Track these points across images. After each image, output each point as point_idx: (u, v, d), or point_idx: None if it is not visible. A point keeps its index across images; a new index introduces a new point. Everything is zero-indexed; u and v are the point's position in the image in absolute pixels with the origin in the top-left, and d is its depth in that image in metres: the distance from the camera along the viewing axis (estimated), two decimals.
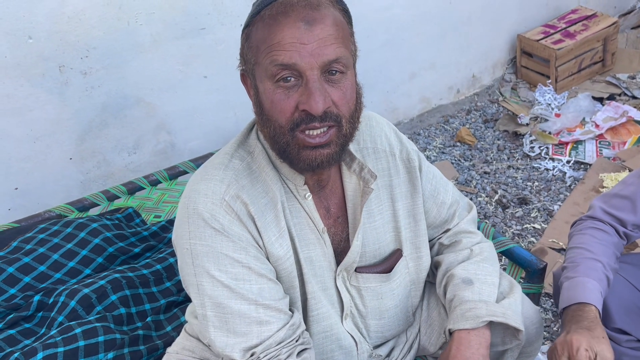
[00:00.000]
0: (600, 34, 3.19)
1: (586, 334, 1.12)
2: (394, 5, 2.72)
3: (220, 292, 0.99)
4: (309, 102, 0.93)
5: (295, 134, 0.96)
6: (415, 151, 1.21)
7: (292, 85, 0.94)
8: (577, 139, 2.83)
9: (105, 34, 2.04)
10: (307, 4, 0.94)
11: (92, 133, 2.16)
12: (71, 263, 1.57)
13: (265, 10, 0.96)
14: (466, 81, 3.27)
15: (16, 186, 2.09)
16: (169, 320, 1.51)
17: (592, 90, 3.18)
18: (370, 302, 1.16)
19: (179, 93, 2.29)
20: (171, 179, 2.02)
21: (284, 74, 0.93)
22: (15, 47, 1.90)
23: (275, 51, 0.93)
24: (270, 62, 0.94)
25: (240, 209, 1.00)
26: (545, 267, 1.49)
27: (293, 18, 0.93)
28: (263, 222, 1.02)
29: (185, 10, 2.16)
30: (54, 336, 1.34)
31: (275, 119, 0.97)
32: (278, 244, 1.04)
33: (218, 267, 0.99)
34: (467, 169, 2.78)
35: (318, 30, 0.93)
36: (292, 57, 0.92)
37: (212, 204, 0.99)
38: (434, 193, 1.22)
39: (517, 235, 2.40)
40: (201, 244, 0.99)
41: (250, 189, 1.03)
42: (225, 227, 0.99)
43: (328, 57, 0.93)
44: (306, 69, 0.93)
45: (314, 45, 0.92)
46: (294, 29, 0.92)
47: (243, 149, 1.08)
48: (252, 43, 0.98)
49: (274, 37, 0.93)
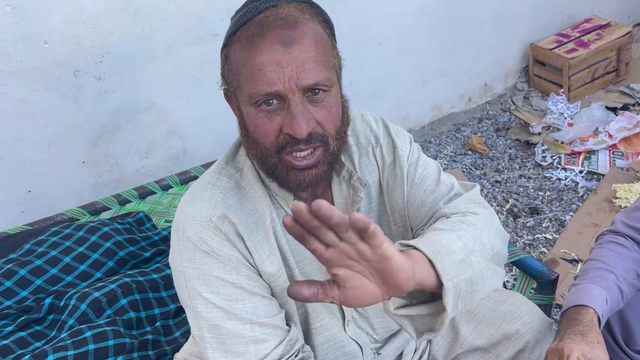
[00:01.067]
0: (614, 43, 3.17)
1: (579, 339, 1.07)
2: (406, 13, 2.73)
3: (215, 313, 0.98)
4: (292, 126, 0.91)
5: (282, 156, 0.95)
6: (407, 142, 1.14)
7: (274, 108, 0.92)
8: (590, 149, 2.81)
9: (120, 40, 2.06)
10: (283, 23, 0.90)
11: (105, 137, 2.18)
12: (82, 266, 1.58)
13: (242, 31, 0.93)
14: (478, 89, 3.26)
15: (29, 189, 2.12)
16: (177, 326, 1.51)
17: (605, 100, 3.15)
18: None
19: (191, 98, 2.30)
20: (182, 184, 2.03)
21: (266, 98, 0.91)
22: (31, 52, 1.92)
23: (255, 78, 0.90)
24: (251, 89, 0.91)
25: (229, 229, 0.99)
26: (557, 278, 1.47)
27: (270, 40, 0.89)
28: (253, 241, 1.01)
29: (199, 17, 2.18)
30: (64, 339, 1.35)
31: (260, 142, 0.95)
32: (269, 262, 1.02)
33: (210, 290, 0.98)
34: (478, 178, 2.77)
35: (296, 52, 0.89)
36: (272, 83, 0.89)
37: (200, 226, 0.99)
38: (420, 180, 1.11)
39: (528, 245, 2.38)
40: (192, 267, 0.99)
41: (238, 207, 1.01)
42: (215, 249, 0.98)
43: (308, 81, 0.90)
44: (287, 93, 0.90)
45: (293, 67, 0.89)
46: (271, 52, 0.89)
47: (231, 165, 1.06)
48: (231, 65, 0.95)
49: (253, 62, 0.90)
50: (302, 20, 0.92)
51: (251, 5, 0.95)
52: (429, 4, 2.79)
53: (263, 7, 0.93)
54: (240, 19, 0.94)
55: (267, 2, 0.94)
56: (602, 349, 1.07)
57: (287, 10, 0.92)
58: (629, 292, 1.24)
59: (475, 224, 1.02)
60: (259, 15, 0.92)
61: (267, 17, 0.91)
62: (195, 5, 2.15)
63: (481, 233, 1.00)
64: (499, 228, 1.07)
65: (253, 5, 0.94)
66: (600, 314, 1.15)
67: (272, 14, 0.91)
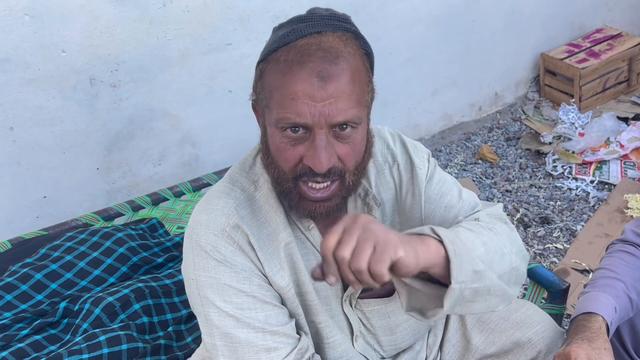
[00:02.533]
0: (626, 53, 3.16)
1: (586, 345, 1.07)
2: (417, 23, 2.75)
3: (227, 322, 0.99)
4: (314, 160, 0.91)
5: (298, 183, 0.95)
6: (425, 158, 1.13)
7: (299, 137, 0.92)
8: (601, 158, 2.80)
9: (135, 49, 2.10)
10: (325, 56, 0.89)
11: (119, 144, 2.22)
12: (96, 271, 1.61)
13: (282, 52, 0.91)
14: (488, 99, 3.26)
15: (45, 194, 2.15)
16: (189, 331, 1.53)
17: (616, 110, 3.15)
18: (377, 321, 1.15)
19: (204, 107, 2.33)
20: (194, 191, 2.05)
21: (293, 126, 0.91)
22: (48, 60, 1.96)
23: (286, 106, 0.89)
24: (280, 114, 0.91)
25: (241, 239, 1.00)
26: (568, 287, 1.47)
27: (308, 71, 0.88)
28: (264, 253, 1.02)
29: (213, 26, 2.22)
30: (78, 343, 1.37)
31: (279, 165, 0.96)
32: (279, 276, 1.03)
33: (223, 298, 0.99)
34: (488, 187, 2.77)
35: (332, 89, 0.88)
36: (303, 115, 0.89)
37: (214, 235, 0.99)
38: (438, 197, 1.12)
39: (539, 255, 2.37)
40: (205, 275, 1.00)
41: (250, 219, 1.02)
42: (228, 258, 0.99)
43: (338, 119, 0.89)
44: (315, 126, 0.90)
45: (326, 104, 0.88)
46: (307, 84, 0.88)
47: (246, 177, 1.06)
48: (265, 84, 0.94)
49: (287, 89, 0.89)
50: (344, 54, 0.91)
51: (296, 26, 0.93)
52: (440, 14, 2.81)
53: (307, 32, 0.91)
54: (282, 38, 0.92)
55: (313, 27, 0.92)
56: (609, 356, 1.07)
57: (330, 40, 0.91)
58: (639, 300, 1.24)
59: (501, 233, 1.03)
60: (301, 39, 0.91)
61: (310, 44, 0.90)
62: (209, 15, 2.19)
63: (504, 245, 1.01)
64: (520, 245, 1.07)
65: (298, 27, 0.93)
66: (609, 321, 1.14)
67: (315, 43, 0.90)
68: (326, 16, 0.94)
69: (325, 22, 0.93)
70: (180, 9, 2.12)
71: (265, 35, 2.44)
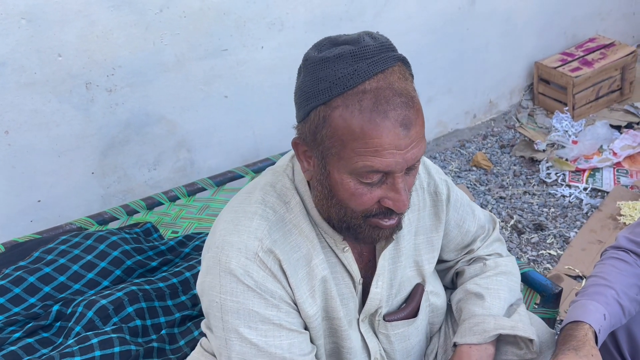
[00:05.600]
0: (619, 62, 3.20)
1: (572, 354, 1.07)
2: (412, 31, 2.77)
3: (248, 349, 0.97)
4: (397, 204, 0.91)
5: (369, 219, 0.95)
6: (444, 180, 1.18)
7: (376, 182, 0.90)
8: (594, 166, 2.82)
9: (131, 54, 2.11)
10: (403, 102, 0.86)
11: (114, 149, 2.22)
12: (90, 274, 1.60)
13: (352, 97, 0.86)
14: (483, 106, 3.28)
15: (39, 199, 2.15)
16: (182, 334, 1.52)
17: (609, 118, 3.17)
18: (398, 345, 1.15)
19: (200, 112, 2.34)
20: (189, 196, 2.05)
21: (373, 175, 0.89)
22: (45, 64, 1.97)
23: (371, 157, 0.86)
24: (362, 166, 0.87)
25: (274, 265, 0.97)
26: (560, 291, 1.48)
27: (392, 122, 0.85)
28: (295, 279, 0.99)
29: (209, 32, 2.23)
30: (70, 345, 1.37)
31: (350, 207, 0.94)
32: (308, 303, 1.01)
33: (248, 325, 0.96)
34: (482, 194, 2.78)
35: (414, 134, 0.87)
36: (388, 165, 0.87)
37: (246, 259, 0.96)
38: (459, 222, 1.22)
39: (532, 261, 2.38)
40: (232, 300, 0.96)
41: (282, 243, 0.99)
42: (259, 283, 0.96)
43: (415, 159, 0.90)
44: (396, 172, 0.89)
45: (409, 149, 0.88)
46: (392, 135, 0.85)
47: (277, 197, 1.02)
48: (332, 131, 0.88)
49: (370, 141, 0.85)
50: (413, 93, 0.90)
51: (357, 65, 0.87)
52: (436, 21, 2.83)
53: (372, 73, 0.87)
54: (343, 81, 0.86)
55: (375, 65, 0.87)
56: None
57: (397, 79, 0.88)
58: (632, 307, 1.24)
59: (510, 271, 1.23)
60: (368, 82, 0.86)
61: (383, 89, 0.86)
62: (206, 21, 2.20)
63: (514, 283, 1.23)
64: (519, 273, 1.28)
65: (359, 66, 0.87)
66: (597, 329, 1.14)
67: (387, 86, 0.87)
68: (378, 47, 0.90)
69: (383, 57, 0.89)
70: (177, 15, 2.14)
71: (261, 42, 2.47)
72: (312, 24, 2.43)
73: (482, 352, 1.10)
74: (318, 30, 2.42)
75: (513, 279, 1.23)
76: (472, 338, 1.10)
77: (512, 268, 1.25)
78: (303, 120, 0.93)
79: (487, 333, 1.10)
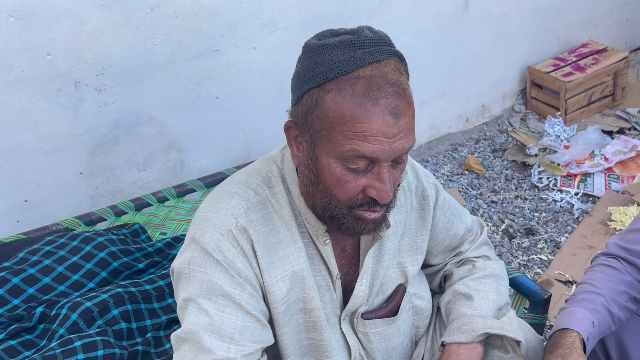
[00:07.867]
0: (611, 68, 3.21)
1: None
2: (405, 34, 2.77)
3: (202, 320, 0.96)
4: (380, 194, 0.91)
5: (354, 210, 0.95)
6: (433, 184, 1.19)
7: (362, 169, 0.91)
8: (585, 171, 2.82)
9: (121, 53, 2.09)
10: (395, 92, 0.87)
11: (103, 149, 2.20)
12: (75, 276, 1.58)
13: (345, 82, 0.87)
14: (476, 110, 3.28)
15: (26, 198, 2.12)
16: (168, 338, 1.50)
17: (601, 123, 3.18)
18: (377, 344, 1.15)
19: (191, 113, 2.32)
20: (179, 197, 2.03)
21: (359, 161, 0.90)
22: (33, 63, 1.95)
23: (358, 141, 0.87)
24: (348, 150, 0.88)
25: (246, 244, 0.98)
26: (549, 297, 1.47)
27: (382, 109, 0.86)
28: (266, 261, 1.00)
29: (200, 32, 2.21)
30: (53, 348, 1.35)
31: (334, 195, 0.94)
32: (278, 287, 1.01)
33: (208, 296, 0.96)
34: (474, 198, 2.78)
35: (402, 124, 0.88)
36: (375, 151, 0.88)
37: (220, 234, 0.98)
38: (447, 225, 1.23)
39: (523, 266, 2.38)
40: (199, 271, 0.97)
41: (259, 224, 1.00)
42: (229, 259, 0.97)
43: (403, 150, 0.91)
44: (382, 161, 0.90)
45: (396, 139, 0.88)
46: (381, 122, 0.86)
47: (262, 181, 1.04)
48: (323, 113, 0.89)
49: (359, 125, 0.86)
50: (405, 85, 0.91)
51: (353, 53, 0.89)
52: (429, 25, 2.83)
53: (367, 61, 0.88)
54: (339, 66, 0.88)
55: (371, 55, 0.89)
56: None
57: (391, 71, 0.89)
58: (622, 314, 1.23)
59: (499, 274, 1.24)
60: (362, 69, 0.88)
61: (376, 77, 0.88)
62: (197, 21, 2.19)
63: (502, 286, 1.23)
64: (507, 277, 1.28)
65: (355, 54, 0.89)
66: (585, 336, 1.14)
67: (381, 75, 0.88)
68: (376, 40, 0.92)
69: (380, 49, 0.91)
70: (168, 14, 2.12)
71: (253, 42, 2.45)
72: (304, 25, 2.41)
73: (470, 351, 1.10)
74: (311, 32, 2.37)
75: (501, 282, 1.23)
76: (461, 337, 1.10)
77: (501, 271, 1.26)
78: (297, 103, 0.94)
79: (475, 332, 1.10)
